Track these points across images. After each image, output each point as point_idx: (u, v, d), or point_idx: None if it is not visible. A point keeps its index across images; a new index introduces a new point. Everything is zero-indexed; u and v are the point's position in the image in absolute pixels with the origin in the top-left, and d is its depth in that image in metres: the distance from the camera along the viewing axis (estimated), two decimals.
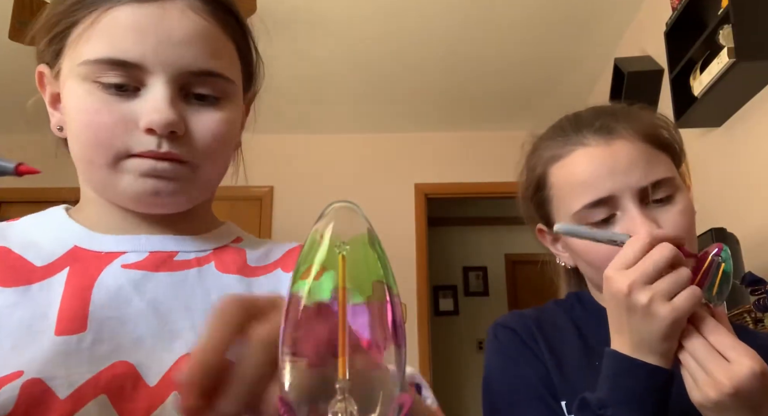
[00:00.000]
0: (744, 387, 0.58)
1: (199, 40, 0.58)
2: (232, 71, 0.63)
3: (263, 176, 4.19)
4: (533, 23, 3.15)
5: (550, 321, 0.86)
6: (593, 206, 0.76)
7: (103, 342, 0.56)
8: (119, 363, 0.55)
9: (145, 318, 0.58)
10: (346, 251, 0.23)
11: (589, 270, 0.83)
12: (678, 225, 0.75)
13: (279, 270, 0.68)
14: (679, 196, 0.77)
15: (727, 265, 0.66)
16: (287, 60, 3.44)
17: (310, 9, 3.02)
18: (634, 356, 0.64)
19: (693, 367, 0.62)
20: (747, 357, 0.59)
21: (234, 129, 0.64)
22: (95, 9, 0.58)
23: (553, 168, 0.82)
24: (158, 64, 0.57)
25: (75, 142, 0.61)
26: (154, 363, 0.56)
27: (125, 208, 0.63)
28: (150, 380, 0.55)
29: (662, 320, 0.62)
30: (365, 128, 4.34)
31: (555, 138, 0.83)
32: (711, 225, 1.98)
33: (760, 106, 2.09)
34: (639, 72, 2.70)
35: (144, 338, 0.57)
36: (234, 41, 0.64)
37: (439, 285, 5.85)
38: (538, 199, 0.86)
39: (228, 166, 0.68)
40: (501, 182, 4.23)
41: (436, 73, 3.64)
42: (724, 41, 2.00)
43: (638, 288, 0.63)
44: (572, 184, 0.78)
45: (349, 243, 0.23)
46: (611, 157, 0.76)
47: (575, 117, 0.84)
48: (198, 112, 0.60)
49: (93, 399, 0.52)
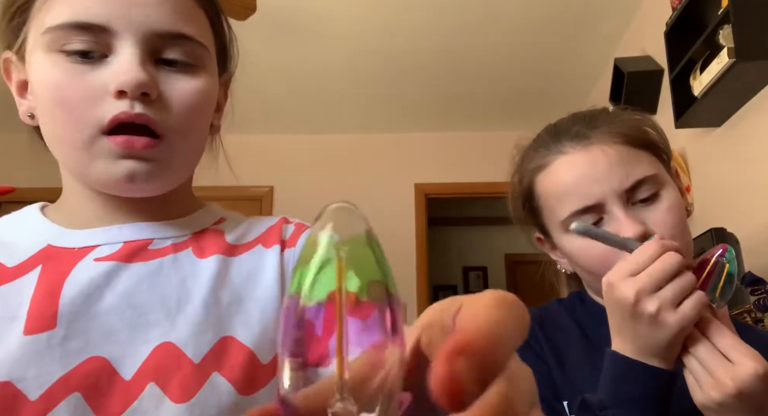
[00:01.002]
0: (747, 389, 0.58)
1: (169, 3, 0.56)
2: (204, 38, 0.60)
3: (263, 176, 4.19)
4: (533, 23, 3.15)
5: (553, 321, 0.86)
6: (580, 213, 0.76)
7: (74, 338, 0.54)
8: (92, 359, 0.53)
9: (118, 311, 0.56)
10: (345, 252, 0.23)
11: (585, 273, 0.83)
12: (666, 222, 0.75)
13: (260, 245, 0.65)
14: (664, 192, 0.76)
15: (731, 267, 0.66)
16: (287, 60, 3.44)
17: (310, 9, 3.02)
18: (636, 358, 0.64)
19: (696, 368, 0.62)
20: (750, 358, 0.59)
21: (209, 100, 0.61)
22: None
23: (538, 178, 0.83)
24: (125, 26, 0.54)
25: (47, 123, 0.58)
26: (129, 356, 0.54)
27: (104, 193, 0.61)
28: (125, 373, 0.53)
29: (670, 328, 0.62)
30: (365, 128, 4.35)
31: (537, 148, 0.84)
32: (711, 226, 1.98)
33: (760, 106, 2.09)
34: (639, 72, 2.70)
35: (117, 331, 0.55)
36: (205, 12, 0.62)
37: (439, 285, 5.85)
38: (530, 209, 0.87)
39: (203, 146, 0.65)
40: (501, 182, 4.20)
41: (436, 73, 3.64)
42: (724, 41, 2.00)
43: (646, 297, 0.63)
44: (557, 193, 0.79)
45: (348, 244, 0.23)
46: (590, 163, 0.77)
47: (554, 126, 0.85)
48: (170, 77, 0.57)
49: (65, 397, 0.51)
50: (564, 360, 0.80)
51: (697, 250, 1.86)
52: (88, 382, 0.52)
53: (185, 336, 0.55)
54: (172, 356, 0.54)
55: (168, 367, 0.54)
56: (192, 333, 0.55)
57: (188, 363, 0.54)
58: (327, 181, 4.31)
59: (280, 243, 0.65)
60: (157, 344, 0.55)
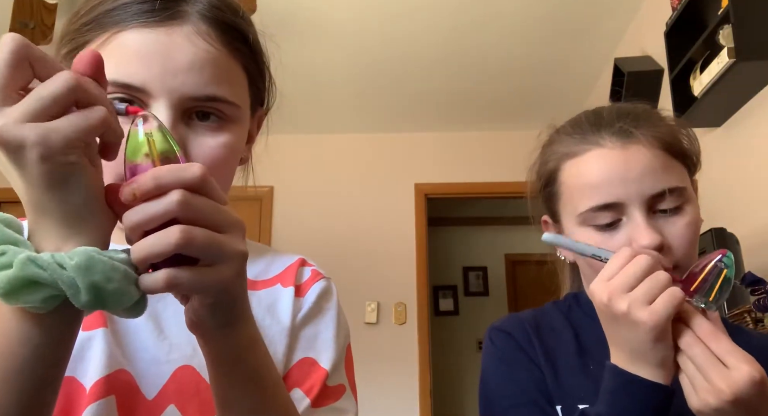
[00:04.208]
0: (743, 394, 0.58)
1: (204, 67, 0.59)
2: (238, 95, 0.63)
3: (263, 176, 4.17)
4: (533, 24, 3.15)
5: (548, 324, 0.85)
6: (600, 209, 0.75)
7: (114, 343, 0.58)
8: (122, 371, 0.57)
9: (146, 330, 0.60)
10: (153, 136, 0.44)
11: (586, 268, 0.83)
12: (683, 237, 0.74)
13: (279, 285, 0.69)
14: (688, 207, 0.76)
15: (729, 272, 0.66)
16: (287, 60, 3.42)
17: (310, 9, 3.02)
18: (632, 370, 0.64)
19: (692, 372, 0.61)
20: (746, 363, 0.59)
21: (234, 153, 0.64)
22: (105, 31, 0.59)
23: (565, 164, 0.81)
24: (161, 90, 0.57)
25: None
26: (152, 376, 0.58)
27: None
28: (148, 392, 0.57)
29: (644, 325, 0.61)
30: (365, 128, 4.35)
31: (572, 134, 0.82)
32: (711, 226, 1.97)
33: (760, 106, 2.09)
34: (639, 72, 2.70)
35: (142, 349, 0.59)
36: (242, 64, 0.64)
37: (439, 285, 5.85)
38: (548, 192, 0.85)
39: (228, 187, 0.68)
40: (501, 182, 4.24)
41: (436, 73, 3.64)
42: (724, 41, 2.00)
43: (616, 297, 0.63)
44: (582, 184, 0.78)
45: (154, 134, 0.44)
46: (624, 163, 0.75)
47: (595, 114, 0.83)
48: (198, 135, 0.60)
49: (105, 397, 0.55)
50: (557, 365, 0.80)
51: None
52: (122, 391, 0.57)
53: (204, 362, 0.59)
54: (192, 380, 0.59)
55: (187, 391, 0.58)
56: None
57: (206, 388, 0.57)
58: (327, 181, 4.31)
59: (294, 286, 0.70)
60: (178, 366, 0.59)
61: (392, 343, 4.00)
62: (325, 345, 0.67)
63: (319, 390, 0.64)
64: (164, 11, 0.58)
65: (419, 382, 3.95)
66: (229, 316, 0.46)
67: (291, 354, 0.66)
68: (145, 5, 0.58)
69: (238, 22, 0.63)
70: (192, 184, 0.41)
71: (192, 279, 0.41)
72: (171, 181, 0.41)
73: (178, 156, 0.44)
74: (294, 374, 0.64)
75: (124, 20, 0.58)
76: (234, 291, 0.45)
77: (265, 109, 0.74)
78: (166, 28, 0.58)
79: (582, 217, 0.77)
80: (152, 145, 0.43)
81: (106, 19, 0.59)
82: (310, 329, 0.68)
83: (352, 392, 0.69)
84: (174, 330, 0.61)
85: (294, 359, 0.65)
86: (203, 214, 0.41)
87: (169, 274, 0.40)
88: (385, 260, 4.14)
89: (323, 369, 0.65)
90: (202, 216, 0.41)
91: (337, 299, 0.73)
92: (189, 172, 0.41)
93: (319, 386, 0.64)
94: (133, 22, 0.58)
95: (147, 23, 0.58)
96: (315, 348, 0.67)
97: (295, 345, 0.66)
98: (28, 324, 0.41)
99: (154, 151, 0.43)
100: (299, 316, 0.68)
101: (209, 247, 0.41)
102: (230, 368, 0.49)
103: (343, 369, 0.69)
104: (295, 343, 0.66)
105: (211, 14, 0.61)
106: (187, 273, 0.41)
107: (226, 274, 0.43)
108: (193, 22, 0.59)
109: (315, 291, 0.70)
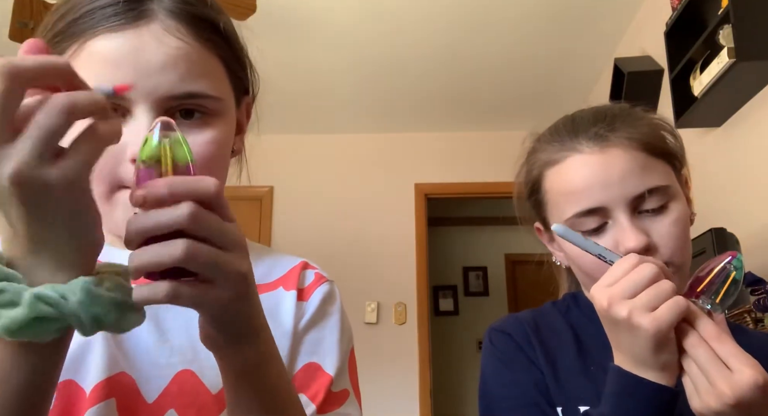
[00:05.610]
0: (745, 398, 0.57)
1: (177, 64, 0.58)
2: (218, 88, 0.62)
3: (263, 176, 4.18)
4: (533, 24, 3.15)
5: (547, 324, 0.85)
6: (584, 215, 0.76)
7: (114, 345, 0.58)
8: (122, 374, 0.57)
9: (147, 332, 0.60)
10: (169, 143, 0.43)
11: (579, 273, 0.83)
12: (671, 235, 0.74)
13: (281, 288, 0.69)
14: (673, 204, 0.76)
15: (737, 274, 0.65)
16: (287, 60, 3.44)
17: (310, 9, 3.02)
18: (635, 372, 0.63)
19: (695, 374, 0.61)
20: (749, 366, 0.58)
21: (224, 147, 0.63)
22: (75, 41, 0.58)
23: (548, 172, 0.82)
24: (138, 94, 0.56)
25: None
26: (153, 378, 0.57)
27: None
28: (148, 396, 0.57)
29: (645, 331, 0.60)
30: (365, 128, 4.34)
31: (551, 141, 0.82)
32: (711, 226, 1.98)
33: (760, 106, 2.09)
34: (639, 72, 2.70)
35: (143, 352, 0.59)
36: (217, 55, 0.62)
37: (439, 285, 5.85)
38: (535, 200, 0.86)
39: (223, 180, 0.67)
40: (501, 182, 4.23)
41: (436, 73, 3.64)
42: (724, 41, 2.00)
43: (616, 303, 0.62)
44: (565, 191, 0.78)
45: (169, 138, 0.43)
46: (604, 167, 0.75)
47: (572, 120, 0.83)
48: (185, 134, 0.59)
49: (105, 400, 0.55)
50: (557, 366, 0.80)
51: (696, 250, 1.86)
52: (121, 394, 0.56)
53: (205, 366, 0.59)
54: (191, 385, 0.58)
55: (187, 395, 0.58)
56: (211, 365, 0.57)
57: (206, 393, 0.58)
58: (327, 181, 4.31)
59: (297, 290, 0.69)
60: (179, 370, 0.59)
61: (392, 343, 4.00)
62: (329, 349, 0.67)
63: (324, 396, 0.63)
64: (129, 12, 0.57)
65: (419, 382, 3.95)
66: (234, 333, 0.46)
67: (295, 358, 0.65)
68: (109, 9, 0.57)
69: (206, 12, 0.62)
70: (205, 197, 0.41)
71: (192, 294, 0.41)
72: (184, 191, 0.40)
73: (191, 166, 0.43)
74: (298, 379, 0.64)
75: (92, 27, 0.57)
76: (233, 310, 0.44)
77: (251, 96, 0.72)
78: (134, 30, 0.57)
79: (569, 223, 0.77)
80: (166, 152, 0.43)
81: (73, 29, 0.58)
82: (315, 333, 0.67)
83: (355, 396, 0.69)
84: (175, 333, 0.61)
85: (298, 364, 0.65)
86: (210, 231, 0.41)
87: (169, 288, 0.40)
88: (385, 260, 4.14)
89: (328, 374, 0.65)
90: (209, 233, 0.41)
91: (341, 302, 0.72)
92: (203, 185, 0.41)
93: (324, 392, 0.64)
94: (100, 28, 0.57)
95: (114, 27, 0.57)
96: (319, 353, 0.66)
97: (299, 349, 0.66)
98: (23, 350, 0.41)
99: (168, 158, 0.43)
100: (303, 321, 0.67)
101: (211, 265, 0.41)
102: (241, 382, 0.49)
103: (347, 373, 0.69)
104: (299, 348, 0.66)
105: (178, 9, 0.59)
106: (188, 289, 0.41)
107: (224, 294, 0.42)
108: (161, 20, 0.58)
109: (318, 295, 0.70)
